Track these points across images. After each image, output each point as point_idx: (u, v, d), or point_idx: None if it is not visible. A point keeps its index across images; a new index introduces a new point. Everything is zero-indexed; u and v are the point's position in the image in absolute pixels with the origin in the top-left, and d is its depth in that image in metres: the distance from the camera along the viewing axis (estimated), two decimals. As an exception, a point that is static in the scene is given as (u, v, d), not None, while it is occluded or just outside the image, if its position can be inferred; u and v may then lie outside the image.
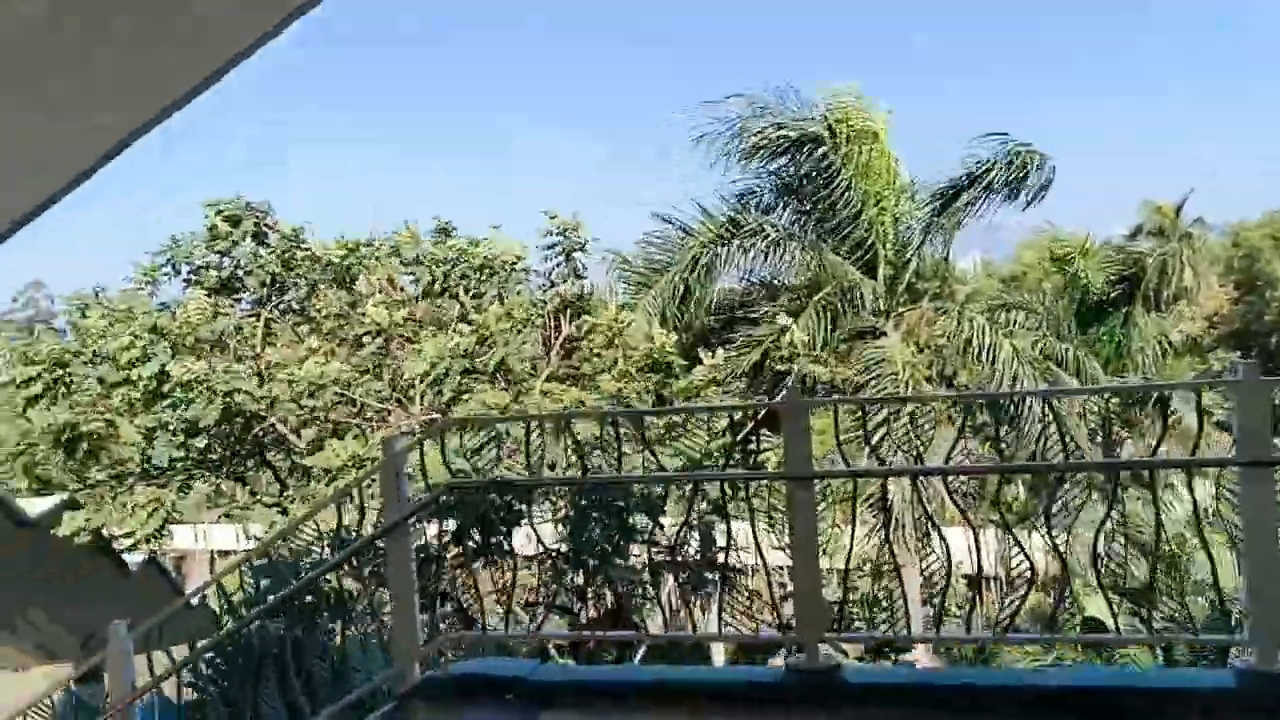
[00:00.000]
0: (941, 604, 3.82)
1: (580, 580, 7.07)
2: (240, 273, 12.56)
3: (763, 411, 10.16)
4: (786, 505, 3.96)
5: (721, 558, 5.56)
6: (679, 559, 7.02)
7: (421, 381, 9.63)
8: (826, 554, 4.52)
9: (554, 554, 6.42)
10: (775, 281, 16.60)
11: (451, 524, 5.87)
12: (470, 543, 5.93)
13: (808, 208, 16.46)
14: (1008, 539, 3.96)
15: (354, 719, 4.06)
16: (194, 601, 6.91)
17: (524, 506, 4.78)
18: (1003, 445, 13.38)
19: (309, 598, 4.46)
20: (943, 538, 4.00)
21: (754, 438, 7.53)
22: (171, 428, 9.20)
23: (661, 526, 5.00)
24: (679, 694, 3.79)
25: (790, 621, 3.91)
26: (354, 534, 4.44)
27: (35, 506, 9.96)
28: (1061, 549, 3.76)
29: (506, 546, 6.15)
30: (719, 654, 12.64)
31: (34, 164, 2.72)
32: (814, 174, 15.48)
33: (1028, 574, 4.02)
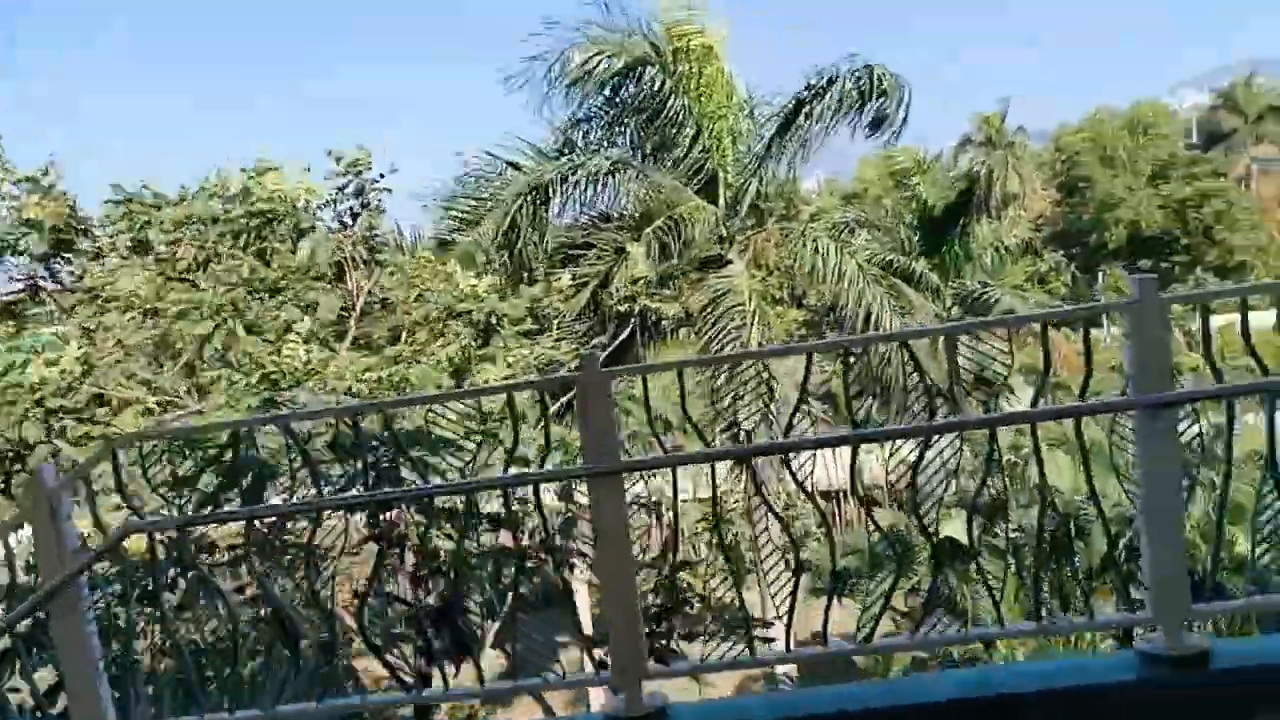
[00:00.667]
0: (790, 614, 3.01)
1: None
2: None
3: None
4: (591, 509, 3.02)
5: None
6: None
7: (198, 358, 8.14)
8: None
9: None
10: (613, 215, 15.59)
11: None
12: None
13: (643, 133, 15.45)
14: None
15: None
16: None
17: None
18: (855, 397, 13.16)
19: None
20: (794, 548, 3.16)
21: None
22: None
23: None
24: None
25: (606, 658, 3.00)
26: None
27: None
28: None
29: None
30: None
31: None
32: (647, 97, 14.41)
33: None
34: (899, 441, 3.32)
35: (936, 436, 3.12)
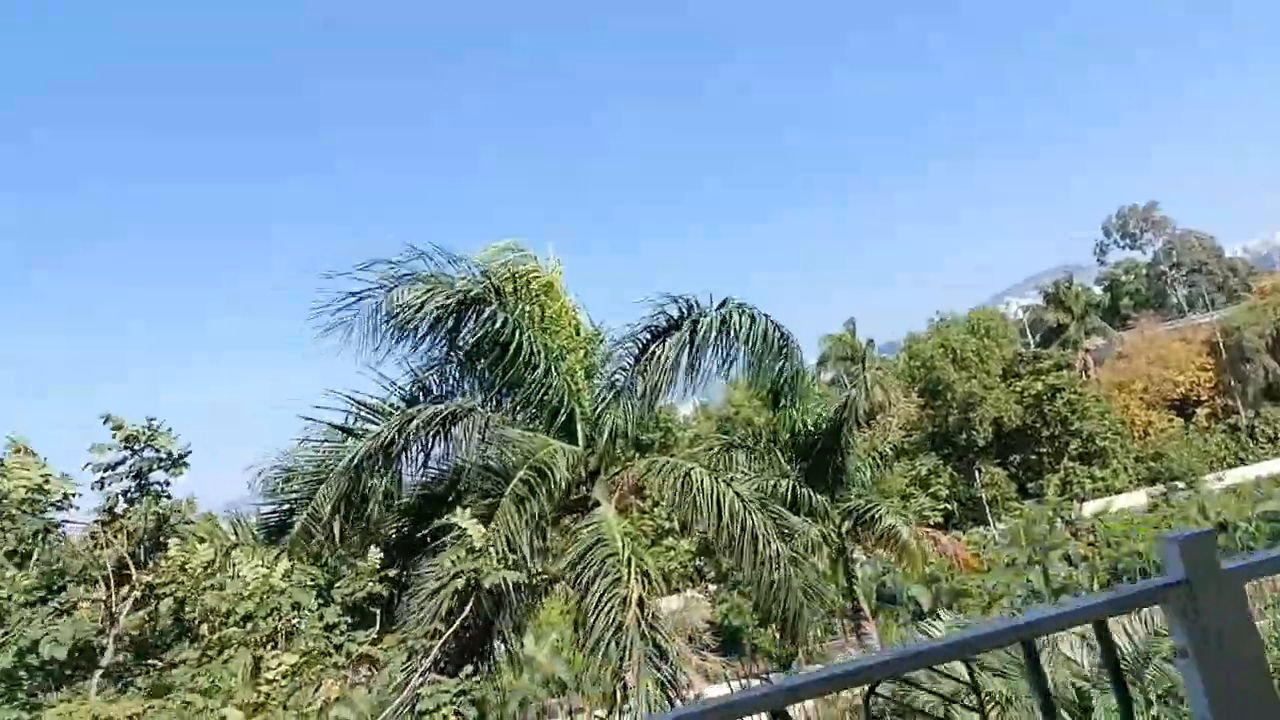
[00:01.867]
0: None
1: None
2: None
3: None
4: None
5: None
6: None
7: None
8: None
9: None
10: (468, 471, 14.01)
11: None
12: None
13: (491, 377, 14.31)
14: None
15: None
16: None
17: None
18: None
19: None
20: None
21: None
22: None
23: None
24: None
25: None
26: None
27: None
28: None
29: None
30: None
31: None
32: (489, 338, 13.33)
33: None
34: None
35: None
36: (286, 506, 14.27)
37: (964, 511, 56.07)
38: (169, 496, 8.49)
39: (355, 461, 12.68)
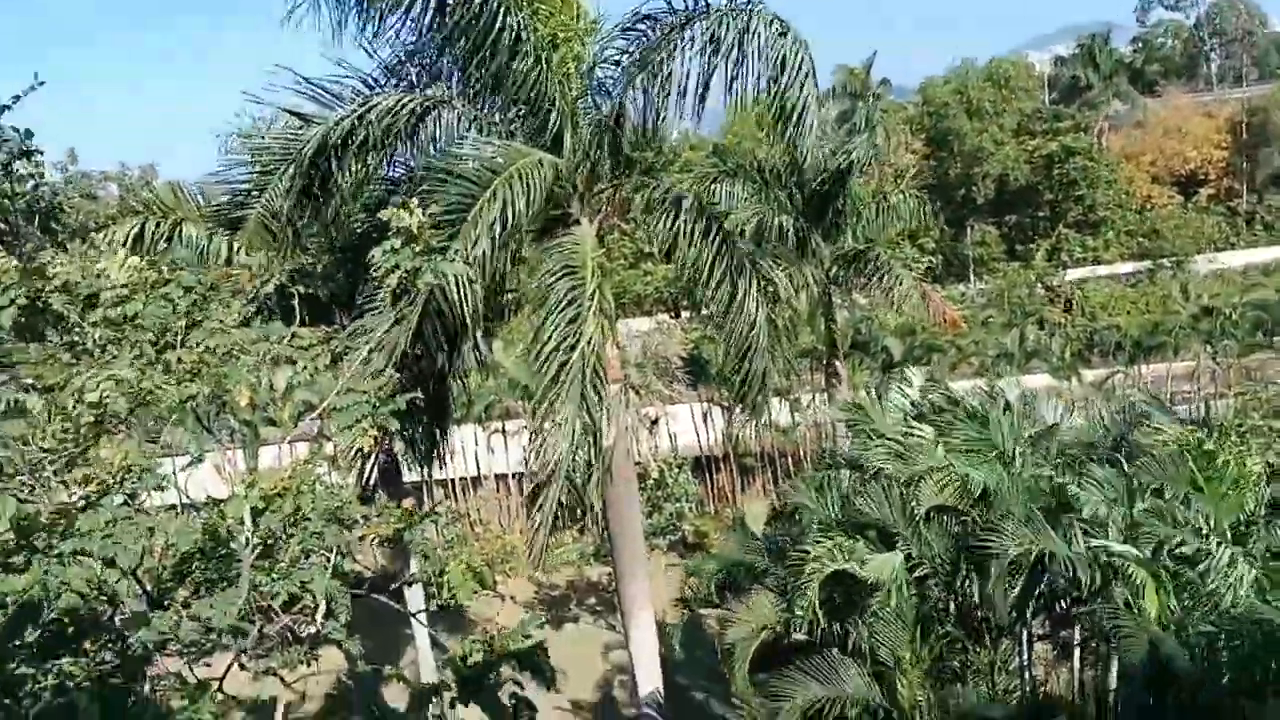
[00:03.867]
0: None
1: None
2: None
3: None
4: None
5: None
6: None
7: None
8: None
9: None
10: (436, 175, 12.49)
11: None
12: None
13: (468, 75, 12.43)
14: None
15: None
16: None
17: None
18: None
19: None
20: None
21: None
22: None
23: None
24: None
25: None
26: None
27: None
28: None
29: None
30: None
31: None
32: (466, 21, 11.34)
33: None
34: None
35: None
36: (239, 199, 12.95)
37: (946, 267, 55.65)
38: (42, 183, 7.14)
39: (310, 152, 11.21)
